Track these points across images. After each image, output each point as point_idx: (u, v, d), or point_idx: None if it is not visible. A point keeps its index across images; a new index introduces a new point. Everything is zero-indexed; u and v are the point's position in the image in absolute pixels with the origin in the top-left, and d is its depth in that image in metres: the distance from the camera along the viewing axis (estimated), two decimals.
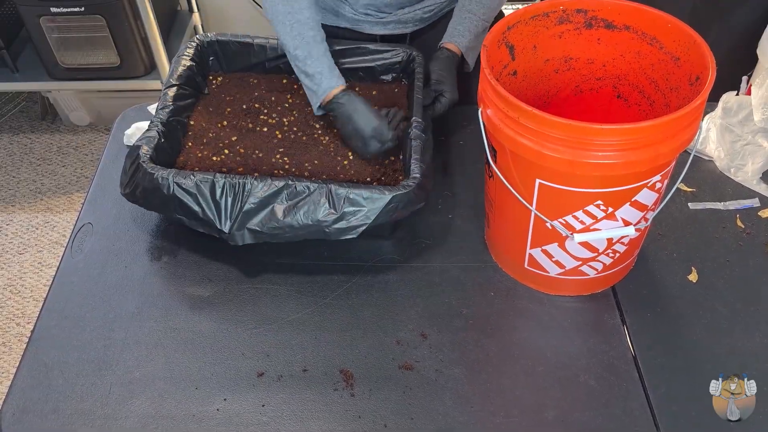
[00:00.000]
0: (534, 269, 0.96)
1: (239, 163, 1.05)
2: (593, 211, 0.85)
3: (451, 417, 0.85)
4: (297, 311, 0.96)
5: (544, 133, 0.78)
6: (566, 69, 0.98)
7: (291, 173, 1.04)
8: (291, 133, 1.11)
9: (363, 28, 1.31)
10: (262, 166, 1.05)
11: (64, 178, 2.26)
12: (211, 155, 1.06)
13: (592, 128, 0.76)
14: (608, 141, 0.77)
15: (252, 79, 1.21)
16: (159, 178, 0.94)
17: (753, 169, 1.11)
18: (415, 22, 1.32)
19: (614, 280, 0.98)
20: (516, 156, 0.83)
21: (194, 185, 0.94)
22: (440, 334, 0.93)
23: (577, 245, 0.88)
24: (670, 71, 0.91)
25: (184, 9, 2.36)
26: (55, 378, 0.90)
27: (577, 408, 0.86)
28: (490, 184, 0.94)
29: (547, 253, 0.92)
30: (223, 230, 0.94)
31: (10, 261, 2.02)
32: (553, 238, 0.90)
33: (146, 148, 0.98)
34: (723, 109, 1.14)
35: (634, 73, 0.96)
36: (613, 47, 0.95)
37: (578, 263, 0.92)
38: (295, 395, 0.88)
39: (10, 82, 2.16)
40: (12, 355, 1.80)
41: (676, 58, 0.89)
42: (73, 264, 1.04)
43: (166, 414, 0.86)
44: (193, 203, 0.94)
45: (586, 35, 0.94)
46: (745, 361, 0.89)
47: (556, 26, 0.93)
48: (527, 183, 0.85)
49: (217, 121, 1.12)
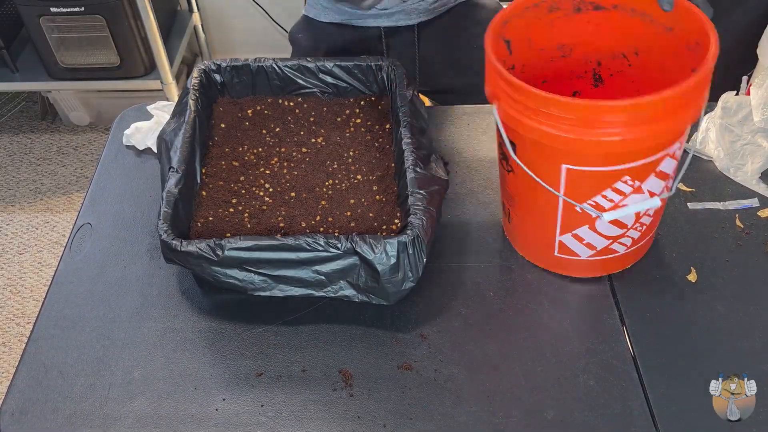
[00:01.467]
0: (565, 255, 0.96)
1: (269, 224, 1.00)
2: (621, 188, 0.86)
3: (450, 417, 0.85)
4: (296, 311, 0.96)
5: (569, 118, 0.78)
6: (560, 56, 0.98)
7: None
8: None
9: (367, 21, 1.29)
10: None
11: (64, 178, 2.26)
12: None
13: (618, 105, 0.77)
14: (635, 115, 0.78)
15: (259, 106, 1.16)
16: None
17: (752, 169, 1.11)
18: (420, 14, 1.30)
19: (643, 251, 0.99)
20: (539, 145, 0.83)
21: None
22: (439, 334, 0.93)
23: (608, 224, 0.89)
24: (664, 41, 0.92)
25: (184, 9, 2.37)
26: (54, 378, 0.91)
27: (576, 408, 0.86)
28: (509, 179, 0.94)
29: (578, 237, 0.93)
30: None
31: (10, 261, 2.02)
32: (583, 221, 0.91)
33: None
34: (722, 109, 1.14)
35: (625, 48, 0.97)
36: (602, 28, 0.96)
37: (609, 242, 0.93)
38: (294, 395, 0.88)
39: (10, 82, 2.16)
40: (12, 355, 1.80)
41: (669, 29, 0.91)
42: (72, 264, 1.04)
43: (165, 414, 0.86)
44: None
45: (576, 20, 0.95)
46: (745, 361, 0.89)
47: (547, 15, 0.93)
48: (552, 170, 0.85)
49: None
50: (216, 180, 1.05)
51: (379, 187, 1.04)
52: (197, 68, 1.14)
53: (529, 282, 1.00)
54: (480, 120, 1.23)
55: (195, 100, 1.08)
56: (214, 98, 1.17)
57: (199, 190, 1.03)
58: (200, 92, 1.10)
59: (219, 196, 1.03)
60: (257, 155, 1.09)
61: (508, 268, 1.01)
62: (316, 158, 1.09)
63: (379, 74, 1.15)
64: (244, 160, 1.09)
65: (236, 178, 1.06)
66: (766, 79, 1.12)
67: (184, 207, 0.97)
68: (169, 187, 0.95)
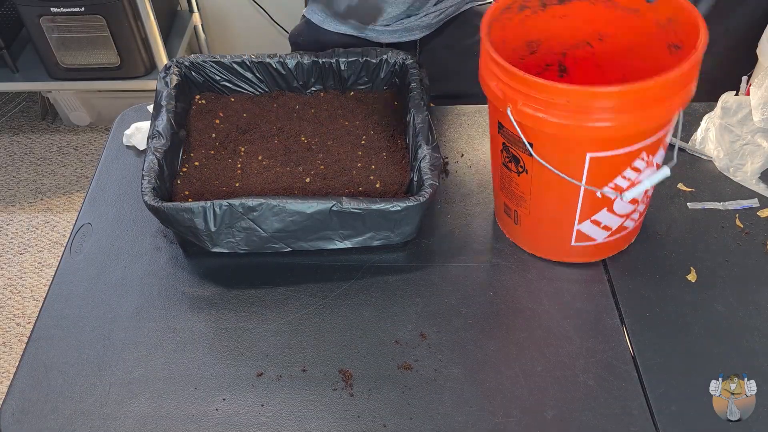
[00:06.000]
0: (582, 243, 0.97)
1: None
2: (638, 165, 0.87)
3: (450, 417, 0.85)
4: (296, 311, 0.96)
5: (594, 107, 0.80)
6: (529, 53, 1.00)
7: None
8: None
9: (368, 35, 1.30)
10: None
11: (64, 178, 2.26)
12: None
13: (642, 87, 0.78)
14: (657, 93, 0.80)
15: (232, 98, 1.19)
16: None
17: (752, 169, 1.11)
18: (423, 29, 1.31)
19: (641, 223, 1.02)
20: (561, 139, 0.85)
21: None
22: (439, 333, 0.94)
23: (626, 203, 0.91)
24: (630, 23, 0.95)
25: (184, 9, 2.37)
26: (54, 378, 0.91)
27: (576, 408, 0.86)
28: (519, 181, 0.94)
29: (596, 222, 0.94)
30: None
31: (10, 261, 2.02)
32: (602, 204, 0.92)
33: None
34: (722, 109, 1.14)
35: (589, 36, 0.99)
36: (566, 20, 0.98)
37: (622, 220, 0.95)
38: (295, 395, 0.88)
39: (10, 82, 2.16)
40: (12, 355, 1.80)
41: (634, 11, 0.93)
42: (72, 264, 1.04)
43: (166, 414, 0.87)
44: None
45: (542, 16, 0.97)
46: (745, 361, 0.89)
47: (518, 15, 0.95)
48: (576, 161, 0.86)
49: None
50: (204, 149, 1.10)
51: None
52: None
53: (529, 282, 1.00)
54: (480, 120, 1.23)
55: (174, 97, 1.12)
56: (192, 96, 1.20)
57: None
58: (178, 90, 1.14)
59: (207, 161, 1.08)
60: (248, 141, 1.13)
61: (508, 268, 1.02)
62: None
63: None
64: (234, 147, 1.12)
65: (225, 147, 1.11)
66: (765, 79, 1.12)
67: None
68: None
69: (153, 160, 0.99)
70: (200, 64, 1.17)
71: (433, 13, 1.29)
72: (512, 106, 0.85)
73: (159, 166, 0.99)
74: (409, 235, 0.97)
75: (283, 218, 0.94)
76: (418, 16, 1.28)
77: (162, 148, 1.01)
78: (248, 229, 0.95)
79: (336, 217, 0.94)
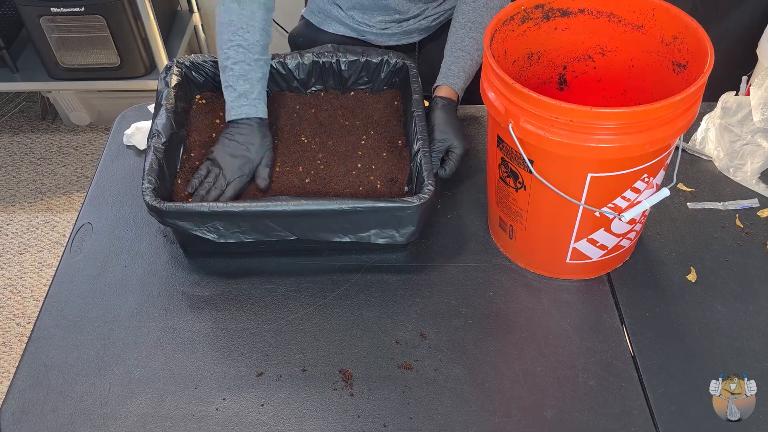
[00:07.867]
0: (577, 261, 0.97)
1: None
2: (639, 186, 0.87)
3: (450, 416, 0.85)
4: (296, 311, 0.96)
5: (597, 127, 0.78)
6: (529, 65, 0.99)
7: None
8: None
9: (368, 38, 1.31)
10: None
11: (64, 178, 2.26)
12: None
13: (648, 109, 0.77)
14: (662, 116, 0.79)
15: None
16: None
17: (752, 169, 1.11)
18: (421, 32, 1.31)
19: (634, 245, 1.01)
20: (563, 158, 0.83)
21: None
22: (439, 333, 0.93)
23: (624, 223, 0.90)
24: (633, 39, 0.94)
25: (184, 9, 2.36)
26: (54, 378, 0.91)
27: (576, 408, 0.86)
28: (517, 197, 0.93)
29: (592, 241, 0.94)
30: None
31: (10, 261, 2.02)
32: (600, 224, 0.91)
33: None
34: (722, 109, 1.14)
35: (591, 50, 0.99)
36: (569, 33, 0.97)
37: (619, 239, 0.94)
38: (295, 395, 0.88)
39: (10, 82, 2.16)
40: (12, 355, 1.80)
41: (639, 26, 0.93)
42: (72, 264, 1.04)
43: (166, 414, 0.86)
44: None
45: (544, 28, 0.96)
46: (745, 361, 0.89)
47: (520, 26, 0.94)
48: (576, 180, 0.86)
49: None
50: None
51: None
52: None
53: (529, 282, 1.00)
54: (480, 120, 1.23)
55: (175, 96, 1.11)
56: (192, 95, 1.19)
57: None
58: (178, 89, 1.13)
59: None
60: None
61: (508, 268, 1.01)
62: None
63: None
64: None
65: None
66: (765, 79, 1.12)
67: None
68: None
69: (153, 159, 0.99)
70: (201, 64, 1.17)
71: (431, 16, 1.29)
72: (514, 122, 0.84)
73: (159, 166, 0.99)
74: (412, 235, 0.97)
75: (284, 219, 0.94)
76: (417, 20, 1.29)
77: (162, 148, 1.01)
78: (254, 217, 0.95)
79: (339, 216, 0.94)
